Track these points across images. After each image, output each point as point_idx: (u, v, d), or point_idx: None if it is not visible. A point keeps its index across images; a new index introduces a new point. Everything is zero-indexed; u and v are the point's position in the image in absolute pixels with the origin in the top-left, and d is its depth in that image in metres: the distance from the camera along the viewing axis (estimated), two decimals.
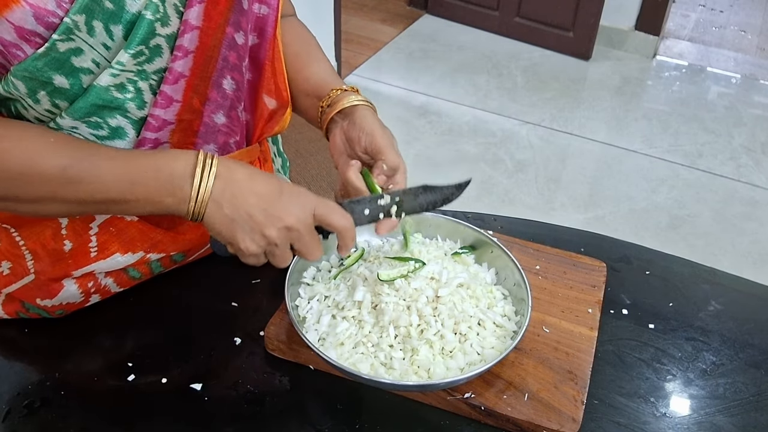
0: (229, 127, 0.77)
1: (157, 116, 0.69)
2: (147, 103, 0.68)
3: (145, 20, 0.63)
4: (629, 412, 0.70)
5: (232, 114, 0.76)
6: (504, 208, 2.29)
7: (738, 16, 3.85)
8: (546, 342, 0.74)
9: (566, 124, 2.77)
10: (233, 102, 0.75)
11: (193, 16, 0.66)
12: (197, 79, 0.70)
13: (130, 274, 0.78)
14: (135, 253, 0.75)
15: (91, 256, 0.73)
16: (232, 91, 0.74)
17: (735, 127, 2.82)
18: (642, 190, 2.43)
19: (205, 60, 0.70)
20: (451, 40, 3.34)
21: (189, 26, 0.67)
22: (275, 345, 0.73)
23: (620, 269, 0.87)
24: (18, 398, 0.69)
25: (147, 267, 0.79)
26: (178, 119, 0.71)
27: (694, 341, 0.78)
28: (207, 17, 0.68)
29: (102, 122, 0.67)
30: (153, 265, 0.79)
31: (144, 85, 0.67)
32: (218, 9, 0.68)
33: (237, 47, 0.73)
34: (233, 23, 0.71)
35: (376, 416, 0.69)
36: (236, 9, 0.70)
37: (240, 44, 0.73)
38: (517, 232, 0.89)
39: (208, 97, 0.72)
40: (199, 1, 0.67)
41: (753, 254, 2.19)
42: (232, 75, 0.74)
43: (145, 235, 0.75)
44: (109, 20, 0.61)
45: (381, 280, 0.70)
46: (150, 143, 0.71)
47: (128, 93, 0.66)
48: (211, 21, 0.68)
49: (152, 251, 0.76)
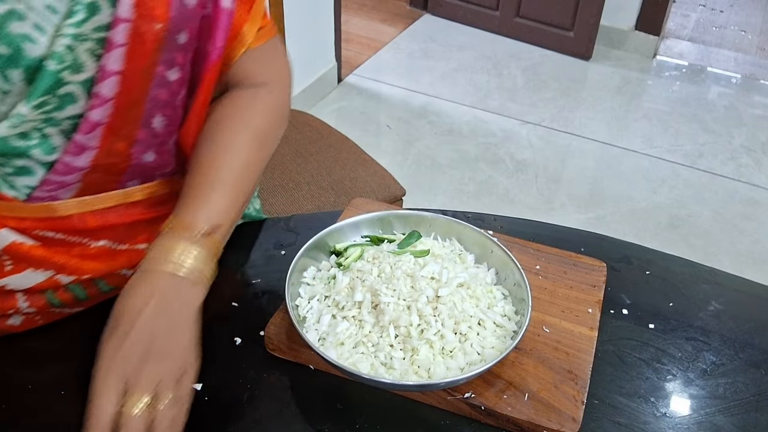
0: (159, 163, 0.72)
1: (67, 163, 0.63)
2: (57, 148, 0.62)
3: (47, 71, 0.55)
4: (629, 412, 0.70)
5: (162, 149, 0.71)
6: (504, 208, 2.29)
7: (738, 16, 3.85)
8: (546, 342, 0.74)
9: (566, 124, 2.77)
10: (164, 138, 0.70)
11: (112, 60, 0.59)
12: (120, 123, 0.64)
13: (52, 301, 0.73)
14: (46, 271, 0.69)
15: (6, 270, 0.68)
16: (163, 128, 0.69)
17: (735, 127, 2.82)
18: (642, 190, 2.43)
19: (129, 104, 0.63)
20: (451, 40, 3.34)
21: (107, 72, 0.59)
22: (275, 345, 0.73)
23: (620, 269, 0.87)
24: (18, 398, 0.69)
25: (67, 293, 0.73)
26: (94, 164, 0.65)
27: (695, 341, 0.78)
28: (130, 60, 0.60)
29: (6, 162, 0.61)
30: (76, 293, 0.74)
31: (53, 131, 0.61)
32: (144, 50, 0.60)
33: (169, 84, 0.65)
34: (164, 61, 0.63)
35: (376, 416, 0.69)
36: (168, 47, 0.62)
37: (174, 80, 0.66)
38: (517, 232, 0.89)
39: (135, 138, 0.67)
40: (119, 44, 0.58)
41: (753, 254, 2.18)
42: (163, 112, 0.67)
43: (48, 259, 0.69)
44: (5, 66, 0.54)
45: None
46: (54, 185, 0.65)
47: (32, 140, 0.60)
48: (135, 63, 0.60)
49: (61, 272, 0.71)
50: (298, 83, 2.55)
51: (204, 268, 0.63)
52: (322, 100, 2.81)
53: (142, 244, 0.77)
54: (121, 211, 0.73)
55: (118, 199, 0.73)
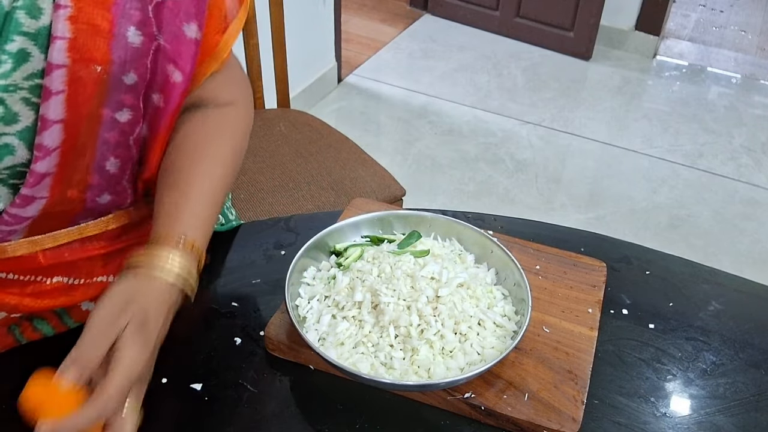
0: (115, 202, 0.70)
1: (14, 214, 0.61)
2: (1, 199, 0.60)
3: None
4: (629, 412, 0.70)
5: (118, 188, 0.68)
6: (504, 208, 2.29)
7: (738, 16, 3.85)
8: (546, 342, 0.74)
9: (566, 124, 2.77)
10: (118, 178, 0.67)
11: (51, 109, 0.55)
12: (70, 171, 0.61)
13: (19, 340, 0.72)
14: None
15: None
16: (117, 169, 0.66)
17: (735, 127, 2.82)
18: (642, 190, 2.43)
19: (77, 152, 0.60)
20: (451, 40, 3.33)
21: (48, 122, 0.56)
22: (275, 345, 0.73)
23: (620, 269, 0.87)
24: (17, 398, 0.69)
25: (35, 333, 0.73)
26: (45, 212, 0.63)
27: (695, 341, 0.78)
28: (71, 107, 0.56)
29: None
30: (44, 330, 0.73)
31: None
32: (86, 95, 0.57)
33: (119, 125, 0.62)
34: (111, 104, 0.60)
35: (376, 416, 0.69)
36: (114, 89, 0.59)
37: (124, 121, 0.62)
38: (517, 232, 0.89)
39: (88, 184, 0.64)
40: (57, 92, 0.55)
41: (753, 254, 2.18)
42: (115, 154, 0.64)
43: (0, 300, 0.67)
44: None
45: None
46: (1, 234, 0.63)
47: None
48: (78, 109, 0.57)
49: (14, 312, 0.69)
50: (298, 83, 2.55)
51: (189, 276, 0.62)
52: (322, 100, 2.81)
53: (101, 276, 0.74)
54: (75, 247, 0.70)
55: (72, 236, 0.69)
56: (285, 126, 1.55)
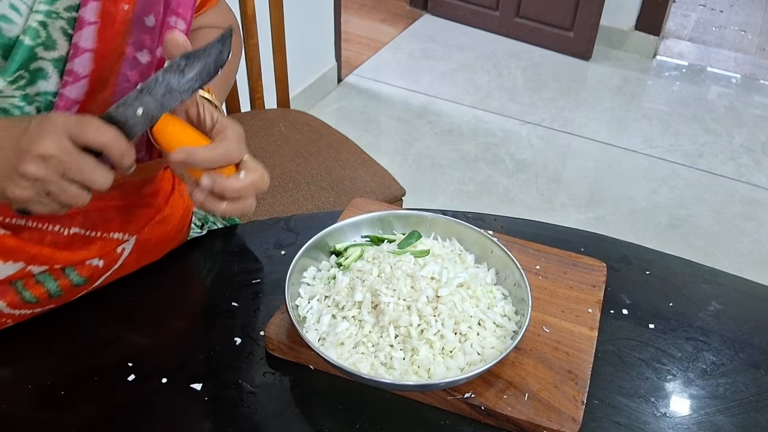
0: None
1: None
2: None
3: (23, 45, 0.59)
4: (629, 412, 0.70)
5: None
6: (504, 208, 2.29)
7: (738, 16, 3.85)
8: (546, 342, 0.74)
9: (566, 124, 2.77)
10: None
11: (84, 38, 0.62)
12: (93, 104, 0.66)
13: (23, 295, 0.73)
14: (16, 263, 0.70)
15: None
16: None
17: (735, 127, 2.82)
18: (642, 190, 2.43)
19: (102, 83, 0.65)
20: (451, 40, 3.34)
21: (80, 50, 0.62)
22: (275, 345, 0.73)
23: (620, 269, 0.87)
24: (17, 398, 0.69)
25: (38, 286, 0.73)
26: None
27: (695, 341, 0.78)
28: (101, 39, 0.63)
29: None
30: (48, 286, 0.74)
31: (31, 109, 0.63)
32: (114, 30, 0.63)
33: (139, 66, 0.68)
34: (133, 43, 0.66)
35: (376, 416, 0.69)
36: (136, 28, 0.66)
37: (144, 63, 0.68)
38: (517, 232, 0.89)
39: None
40: (90, 23, 0.62)
41: (753, 254, 2.19)
42: None
43: (20, 249, 0.69)
44: None
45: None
46: None
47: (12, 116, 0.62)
48: (106, 43, 0.63)
49: (33, 263, 0.71)
50: (298, 83, 2.55)
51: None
52: (322, 100, 2.81)
53: (116, 233, 0.77)
54: (92, 194, 0.72)
55: None
56: (285, 126, 1.55)
